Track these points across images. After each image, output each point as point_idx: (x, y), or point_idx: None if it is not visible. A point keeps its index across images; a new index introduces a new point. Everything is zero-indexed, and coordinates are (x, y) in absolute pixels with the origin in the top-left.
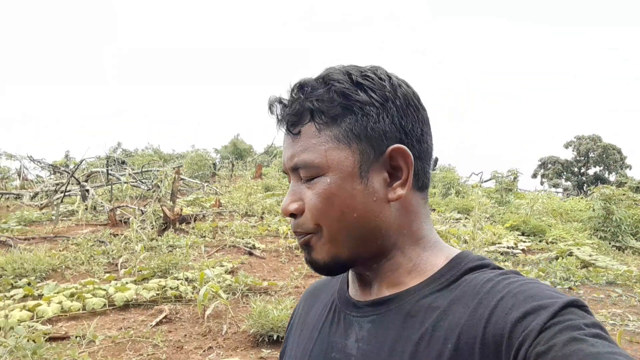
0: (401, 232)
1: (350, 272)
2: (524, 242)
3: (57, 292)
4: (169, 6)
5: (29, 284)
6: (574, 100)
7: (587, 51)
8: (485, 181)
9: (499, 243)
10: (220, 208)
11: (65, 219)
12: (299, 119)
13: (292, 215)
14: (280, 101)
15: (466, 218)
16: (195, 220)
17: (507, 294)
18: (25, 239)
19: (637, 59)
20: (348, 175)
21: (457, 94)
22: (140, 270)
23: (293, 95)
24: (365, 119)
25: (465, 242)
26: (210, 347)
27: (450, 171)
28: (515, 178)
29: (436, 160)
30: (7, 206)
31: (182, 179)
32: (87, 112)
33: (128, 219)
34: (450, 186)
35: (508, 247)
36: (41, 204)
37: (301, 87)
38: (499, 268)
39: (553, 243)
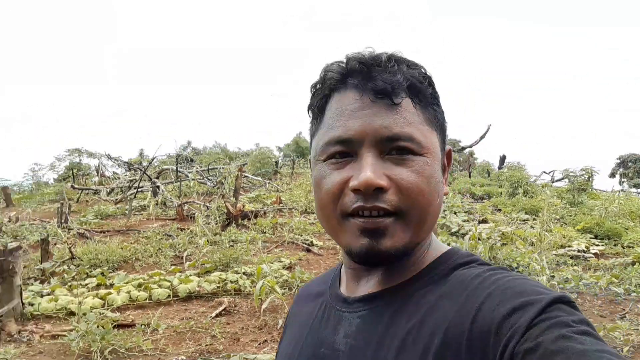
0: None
1: (344, 268)
2: (597, 245)
3: (127, 282)
4: (169, 6)
5: (102, 273)
6: (574, 100)
7: (587, 51)
8: (556, 180)
9: (568, 246)
10: (281, 205)
11: (137, 213)
12: (400, 90)
13: (377, 190)
14: (366, 63)
15: (534, 219)
16: (256, 217)
17: (495, 289)
18: (101, 232)
19: (637, 59)
20: (438, 162)
21: (457, 94)
22: (204, 264)
23: (389, 65)
24: (442, 115)
25: (532, 244)
26: (265, 341)
27: (519, 169)
28: (590, 177)
29: (504, 157)
30: (87, 201)
31: (245, 176)
32: (87, 112)
33: (194, 214)
34: (518, 185)
35: (579, 251)
36: (116, 199)
37: (396, 60)
38: (487, 264)
39: (629, 247)
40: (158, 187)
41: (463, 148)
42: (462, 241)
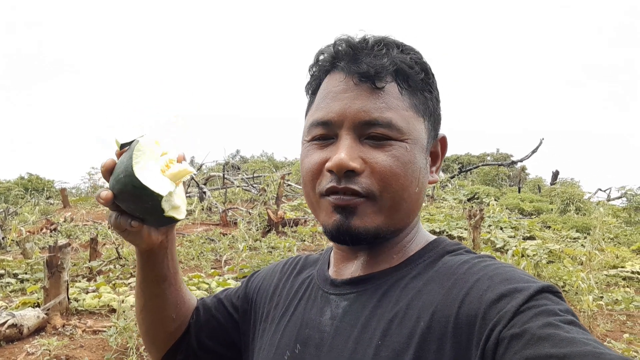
0: (418, 214)
1: (334, 251)
2: None
3: None
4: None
5: None
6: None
7: None
8: (614, 199)
9: (621, 267)
10: None
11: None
12: (385, 74)
13: (350, 172)
14: (353, 46)
15: (585, 237)
16: (297, 224)
17: (483, 276)
18: None
19: None
20: (421, 149)
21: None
22: (242, 268)
23: (377, 48)
24: (435, 101)
25: (581, 263)
26: None
27: (572, 186)
28: None
29: (557, 173)
30: None
31: (288, 184)
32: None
33: (238, 219)
34: (570, 202)
35: (633, 272)
36: None
37: (386, 44)
38: (474, 252)
39: None
40: (205, 192)
41: (513, 162)
42: (505, 257)
